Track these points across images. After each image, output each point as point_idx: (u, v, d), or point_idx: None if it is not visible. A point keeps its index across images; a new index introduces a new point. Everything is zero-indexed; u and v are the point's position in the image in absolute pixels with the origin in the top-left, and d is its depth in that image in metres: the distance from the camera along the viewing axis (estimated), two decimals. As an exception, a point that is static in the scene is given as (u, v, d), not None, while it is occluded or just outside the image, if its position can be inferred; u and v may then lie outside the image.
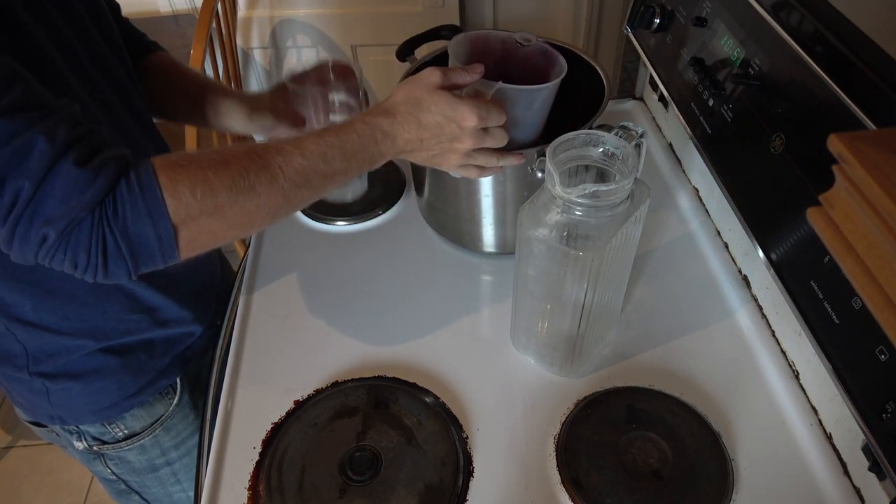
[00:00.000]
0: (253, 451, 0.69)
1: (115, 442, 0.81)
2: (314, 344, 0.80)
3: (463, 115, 0.62)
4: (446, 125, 0.63)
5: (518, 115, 0.73)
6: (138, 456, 0.83)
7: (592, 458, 0.66)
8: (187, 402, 0.86)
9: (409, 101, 0.62)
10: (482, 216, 0.84)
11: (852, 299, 0.55)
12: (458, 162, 0.67)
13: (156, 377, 0.80)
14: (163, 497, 0.91)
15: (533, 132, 0.78)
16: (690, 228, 0.92)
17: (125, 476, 0.86)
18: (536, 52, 0.79)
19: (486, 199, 0.81)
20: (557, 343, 0.71)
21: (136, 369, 0.77)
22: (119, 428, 0.80)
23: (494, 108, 0.64)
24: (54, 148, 0.48)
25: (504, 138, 0.67)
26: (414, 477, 0.65)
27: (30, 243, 0.49)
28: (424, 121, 0.62)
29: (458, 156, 0.66)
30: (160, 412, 0.82)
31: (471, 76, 0.65)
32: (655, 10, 0.91)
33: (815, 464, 0.65)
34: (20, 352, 0.71)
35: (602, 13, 1.96)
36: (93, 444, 0.80)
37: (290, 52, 1.93)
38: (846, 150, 0.38)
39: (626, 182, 0.59)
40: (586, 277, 0.62)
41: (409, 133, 0.62)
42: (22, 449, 1.78)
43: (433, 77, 0.63)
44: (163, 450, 0.85)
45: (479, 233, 0.86)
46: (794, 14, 0.64)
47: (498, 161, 0.69)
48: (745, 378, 0.73)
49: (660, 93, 1.07)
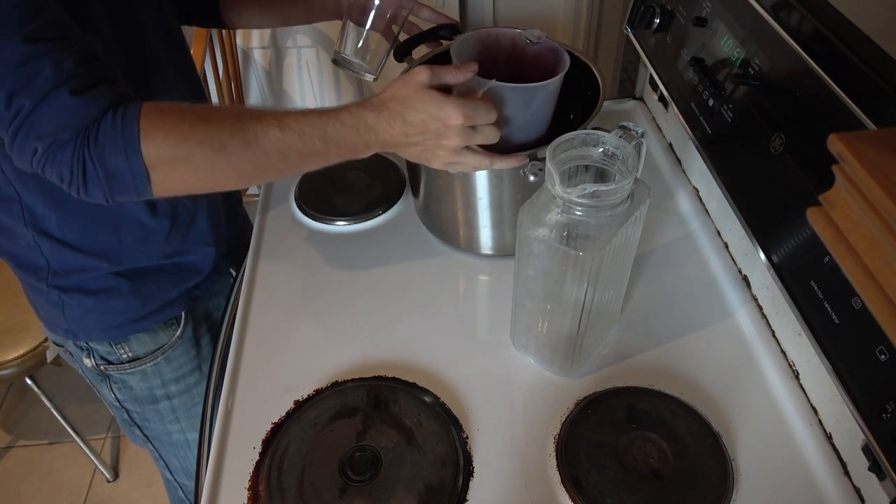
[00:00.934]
0: (253, 451, 0.69)
1: (120, 363, 0.86)
2: (314, 344, 0.80)
3: (448, 113, 0.63)
4: (431, 123, 0.64)
5: (513, 114, 0.73)
6: (140, 382, 0.88)
7: (592, 457, 0.66)
8: (190, 338, 0.90)
9: (397, 98, 0.64)
10: (477, 219, 0.84)
11: (852, 299, 0.55)
12: (447, 159, 0.68)
13: (162, 307, 0.85)
14: (161, 435, 0.95)
15: (534, 131, 0.78)
16: (690, 228, 0.92)
17: (127, 404, 0.91)
18: (546, 50, 0.79)
19: (481, 201, 0.81)
20: (557, 343, 0.71)
21: (144, 296, 0.83)
22: (124, 350, 0.85)
23: (482, 107, 0.65)
24: (58, 76, 0.55)
25: (494, 136, 0.68)
26: (414, 477, 0.65)
27: (25, 152, 0.57)
28: (410, 118, 0.63)
29: (447, 153, 0.67)
30: (163, 340, 0.87)
31: (462, 75, 0.66)
32: (655, 10, 0.91)
33: (815, 464, 0.65)
34: (44, 265, 0.77)
35: (602, 13, 1.96)
36: (100, 364, 0.86)
37: (289, 52, 1.93)
38: (846, 150, 0.38)
39: (626, 182, 0.59)
40: (586, 277, 0.62)
41: (394, 129, 0.64)
42: (22, 449, 1.78)
43: (421, 75, 0.64)
44: (163, 380, 0.90)
45: (475, 235, 0.86)
46: (794, 14, 0.64)
47: (491, 163, 0.69)
48: (745, 378, 0.73)
49: (660, 93, 1.07)
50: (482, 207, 0.82)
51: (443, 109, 0.63)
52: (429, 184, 0.86)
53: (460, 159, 0.68)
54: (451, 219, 0.87)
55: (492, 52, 0.82)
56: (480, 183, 0.79)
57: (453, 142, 0.65)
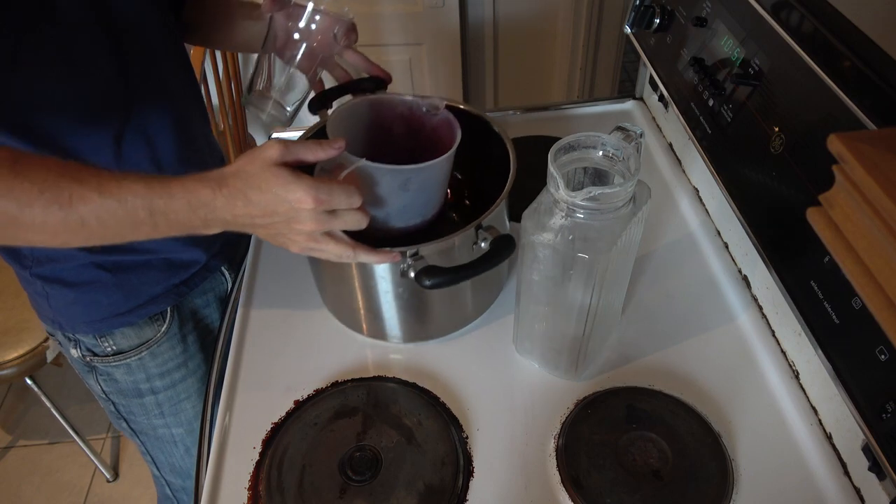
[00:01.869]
0: (253, 451, 0.69)
1: (105, 356, 0.85)
2: (314, 344, 0.80)
3: (297, 196, 0.56)
4: (279, 205, 0.56)
5: (389, 197, 0.66)
6: (125, 375, 0.87)
7: (592, 458, 0.66)
8: (176, 334, 0.88)
9: (240, 174, 0.57)
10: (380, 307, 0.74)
11: (852, 299, 0.55)
12: (304, 245, 0.61)
13: (147, 302, 0.83)
14: (147, 429, 0.95)
15: (417, 215, 0.71)
16: (690, 228, 0.92)
17: (113, 397, 0.90)
18: (443, 123, 0.72)
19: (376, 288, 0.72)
20: (562, 347, 0.71)
21: (127, 290, 0.81)
22: (108, 343, 0.84)
23: (339, 190, 0.57)
24: None
25: (359, 222, 0.60)
26: (414, 477, 0.65)
27: None
28: (253, 198, 0.56)
29: (303, 237, 0.60)
30: (148, 336, 0.86)
31: (323, 152, 0.59)
32: (655, 10, 0.91)
33: (815, 464, 0.65)
34: (27, 251, 0.76)
35: (602, 13, 1.96)
36: (86, 355, 0.85)
37: (289, 53, 1.93)
38: (846, 150, 0.38)
39: (629, 184, 0.58)
40: (592, 280, 0.62)
41: (236, 209, 0.57)
42: (22, 449, 1.78)
43: (271, 150, 0.57)
44: (148, 375, 0.88)
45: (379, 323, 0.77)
46: (794, 14, 0.64)
47: (355, 255, 0.62)
48: (745, 378, 0.73)
49: (660, 93, 1.07)
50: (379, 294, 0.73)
51: (290, 191, 0.56)
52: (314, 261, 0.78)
53: (319, 246, 0.61)
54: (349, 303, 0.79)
55: (387, 121, 0.75)
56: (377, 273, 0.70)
57: (306, 226, 0.58)
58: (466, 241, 0.68)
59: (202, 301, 0.94)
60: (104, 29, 0.66)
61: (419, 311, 0.76)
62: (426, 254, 0.65)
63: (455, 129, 0.70)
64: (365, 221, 0.61)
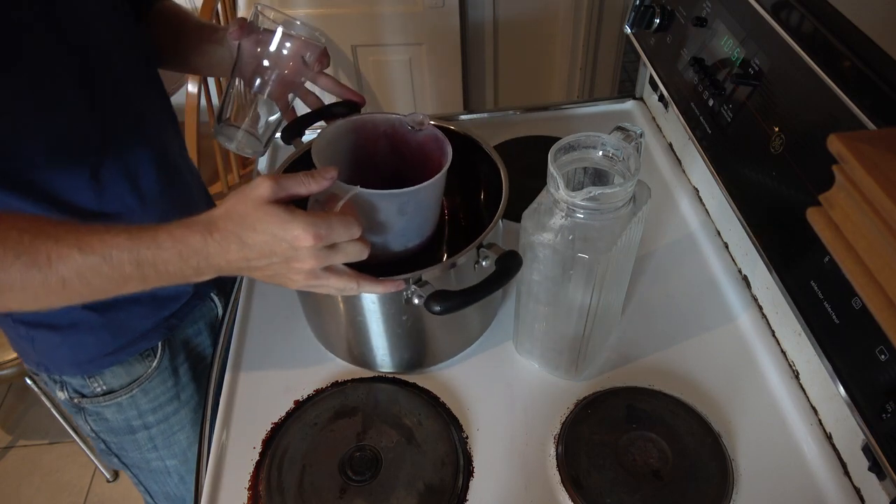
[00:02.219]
0: (253, 451, 0.69)
1: (94, 396, 0.82)
2: (314, 344, 0.80)
3: (295, 234, 0.52)
4: (276, 245, 0.53)
5: (387, 221, 0.64)
6: (115, 414, 0.84)
7: (592, 458, 0.66)
8: (167, 368, 0.85)
9: (231, 216, 0.53)
10: (369, 337, 0.72)
11: (852, 299, 0.55)
12: (305, 283, 0.57)
13: (136, 339, 0.80)
14: (140, 463, 0.92)
15: (414, 236, 0.69)
16: (690, 228, 0.92)
17: (104, 436, 0.87)
18: (430, 139, 0.70)
19: (367, 319, 0.70)
20: (563, 347, 0.71)
21: (115, 328, 0.78)
22: (98, 383, 0.81)
23: (339, 223, 0.54)
24: None
25: (361, 253, 0.57)
26: (414, 477, 0.65)
27: None
28: (249, 240, 0.53)
29: (303, 276, 0.56)
30: (139, 372, 0.83)
31: (316, 184, 0.55)
32: (655, 10, 0.91)
33: (815, 464, 0.65)
34: None
35: (602, 13, 1.96)
36: (73, 396, 0.82)
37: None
38: (846, 150, 0.38)
39: (629, 183, 0.58)
40: (592, 280, 0.62)
41: (230, 253, 0.53)
42: (22, 449, 1.78)
43: (261, 188, 0.53)
44: (140, 412, 0.85)
45: (370, 353, 0.75)
46: (794, 14, 0.64)
47: (358, 287, 0.59)
48: (745, 378, 0.73)
49: (660, 93, 1.07)
50: (369, 325, 0.71)
51: (287, 230, 0.52)
52: (304, 294, 0.76)
53: (320, 282, 0.57)
54: (337, 332, 0.78)
55: (371, 141, 0.73)
56: (368, 305, 0.67)
57: (306, 265, 0.54)
58: (468, 261, 0.66)
59: (193, 330, 0.90)
60: (76, 63, 0.63)
61: (418, 340, 0.74)
62: (428, 279, 0.63)
63: (444, 144, 0.68)
64: (366, 252, 0.58)
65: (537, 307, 0.70)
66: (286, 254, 0.54)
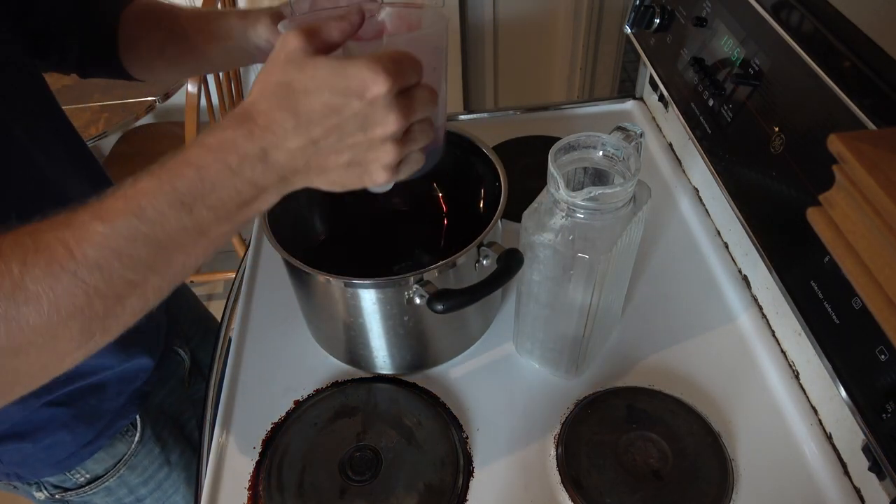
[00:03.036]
0: (253, 451, 0.69)
1: (78, 488, 0.76)
2: (314, 344, 0.80)
3: (363, 75, 0.38)
4: (342, 104, 0.39)
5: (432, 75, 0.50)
6: (105, 498, 0.79)
7: (592, 458, 0.66)
8: (150, 437, 0.80)
9: (271, 91, 0.40)
10: (370, 339, 0.72)
11: (852, 299, 0.55)
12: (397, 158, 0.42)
13: (112, 419, 0.74)
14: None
15: (442, 111, 0.59)
16: (690, 228, 0.92)
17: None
18: (397, 18, 0.58)
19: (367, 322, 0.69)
20: (563, 347, 0.71)
21: (88, 416, 0.71)
22: (80, 474, 0.75)
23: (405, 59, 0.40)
24: None
25: (433, 98, 0.43)
26: (414, 477, 0.65)
27: None
28: (304, 108, 0.39)
29: (390, 148, 0.42)
30: (122, 452, 0.77)
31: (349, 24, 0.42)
32: (655, 10, 0.91)
33: (815, 464, 0.65)
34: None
35: (602, 13, 1.96)
36: (54, 493, 0.75)
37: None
38: (846, 150, 0.38)
39: (629, 184, 0.58)
40: (593, 280, 0.62)
41: (289, 138, 0.40)
42: None
43: (292, 44, 0.40)
44: (130, 488, 0.80)
45: (370, 356, 0.74)
46: (794, 14, 0.64)
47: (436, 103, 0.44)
48: (745, 378, 0.73)
49: (660, 93, 1.07)
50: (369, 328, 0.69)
51: (350, 75, 0.39)
52: (306, 301, 0.74)
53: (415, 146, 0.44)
54: (337, 335, 0.77)
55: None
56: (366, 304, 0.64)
57: (389, 125, 0.40)
58: (469, 261, 0.66)
59: (166, 390, 0.85)
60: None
61: (419, 342, 0.74)
62: (430, 278, 0.62)
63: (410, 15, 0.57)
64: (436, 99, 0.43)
65: (537, 307, 0.70)
66: (360, 114, 0.40)
